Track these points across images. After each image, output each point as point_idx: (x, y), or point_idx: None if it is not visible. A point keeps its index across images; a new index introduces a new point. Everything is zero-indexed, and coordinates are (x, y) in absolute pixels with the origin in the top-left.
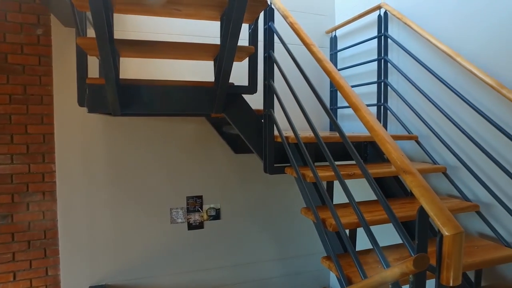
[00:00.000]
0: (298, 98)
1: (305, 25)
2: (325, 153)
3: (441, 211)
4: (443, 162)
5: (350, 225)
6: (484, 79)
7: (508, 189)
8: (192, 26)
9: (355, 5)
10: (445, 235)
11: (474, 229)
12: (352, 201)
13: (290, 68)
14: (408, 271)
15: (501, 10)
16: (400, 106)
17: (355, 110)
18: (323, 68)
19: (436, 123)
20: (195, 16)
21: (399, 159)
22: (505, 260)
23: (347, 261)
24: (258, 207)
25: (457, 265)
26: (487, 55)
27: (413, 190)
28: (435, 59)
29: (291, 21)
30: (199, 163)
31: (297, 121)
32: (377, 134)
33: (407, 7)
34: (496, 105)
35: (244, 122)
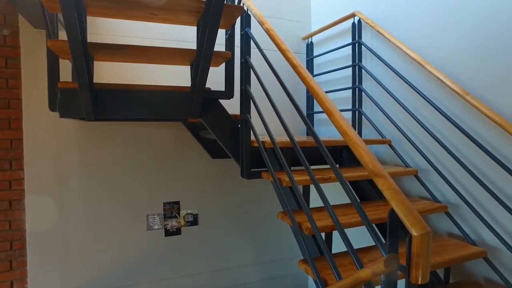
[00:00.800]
0: (274, 103)
1: (282, 31)
2: (300, 157)
3: (410, 212)
4: (415, 165)
5: (325, 228)
6: (450, 85)
7: (473, 190)
8: (168, 30)
9: (331, 13)
10: (414, 235)
11: (443, 229)
12: (327, 205)
13: (267, 73)
14: (379, 271)
15: (466, 22)
16: (374, 111)
17: (329, 115)
18: (298, 74)
19: (408, 127)
20: (172, 21)
21: (371, 163)
22: (471, 257)
23: (324, 263)
24: (236, 212)
25: (425, 264)
26: (453, 63)
27: (384, 192)
28: (406, 66)
29: (267, 27)
30: (176, 168)
31: (274, 126)
32: (350, 138)
33: (380, 16)
34: (462, 111)
35: (220, 127)
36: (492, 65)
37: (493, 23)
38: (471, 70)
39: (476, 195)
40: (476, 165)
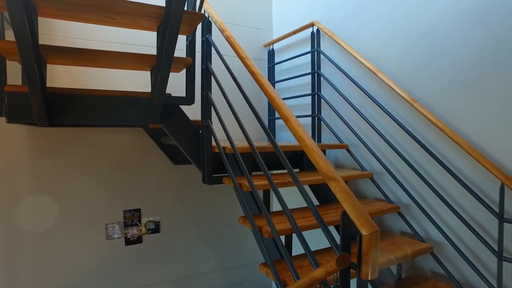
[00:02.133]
0: (234, 109)
1: (244, 38)
2: (259, 162)
3: (360, 213)
4: (371, 169)
5: (285, 231)
6: (400, 93)
7: (422, 191)
8: (129, 34)
9: (291, 21)
10: (364, 234)
11: (397, 228)
12: (285, 208)
13: (230, 79)
14: (332, 269)
15: (411, 35)
16: (332, 117)
17: (286, 121)
18: (256, 80)
19: (364, 132)
20: (131, 26)
21: (325, 167)
22: (420, 253)
23: (284, 266)
24: (199, 218)
25: (374, 260)
26: (403, 72)
27: (337, 195)
28: (362, 74)
29: (227, 34)
30: (136, 175)
31: (237, 131)
32: (305, 144)
33: (337, 26)
34: (411, 117)
35: (181, 133)
36: (434, 74)
37: (433, 37)
38: (417, 78)
39: (424, 195)
40: (424, 167)
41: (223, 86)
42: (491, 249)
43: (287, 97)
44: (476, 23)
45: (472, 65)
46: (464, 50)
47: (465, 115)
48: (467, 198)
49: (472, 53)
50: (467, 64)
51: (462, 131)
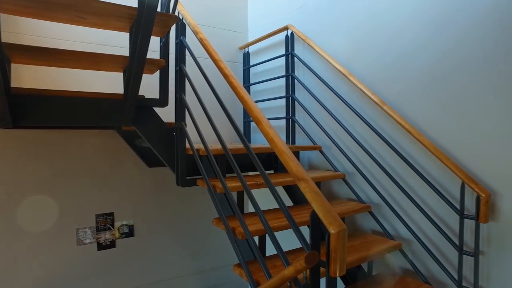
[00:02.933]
0: (207, 111)
1: (219, 40)
2: (232, 164)
3: (328, 212)
4: (343, 169)
5: (258, 232)
6: (370, 96)
7: (392, 191)
8: (101, 35)
9: (266, 24)
10: (332, 233)
11: (368, 227)
12: (257, 209)
13: (204, 81)
14: (301, 267)
15: (381, 40)
16: (306, 119)
17: (257, 123)
18: (229, 83)
19: (336, 134)
20: (103, 26)
21: (295, 168)
22: (389, 250)
23: (258, 266)
24: (174, 220)
25: (341, 258)
26: (373, 75)
27: (306, 195)
28: (334, 77)
29: (201, 37)
30: (109, 178)
31: (212, 133)
32: (276, 145)
33: (310, 30)
34: (381, 119)
35: (155, 135)
36: (402, 77)
37: (401, 42)
38: (386, 81)
39: (394, 194)
40: (394, 167)
41: (198, 88)
42: (453, 243)
43: (262, 99)
44: (438, 30)
45: (435, 68)
46: (428, 55)
47: (430, 117)
48: (432, 196)
49: (435, 57)
50: (431, 67)
51: (427, 132)
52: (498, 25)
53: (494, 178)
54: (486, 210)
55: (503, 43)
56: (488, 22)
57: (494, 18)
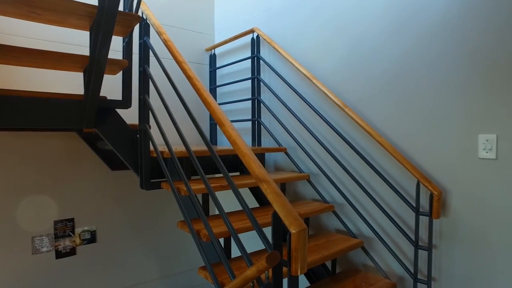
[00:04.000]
0: (171, 113)
1: (186, 42)
2: (196, 166)
3: (289, 213)
4: (308, 171)
5: (222, 234)
6: (333, 99)
7: (354, 191)
8: (61, 32)
9: (232, 27)
10: (292, 232)
11: (332, 226)
12: (221, 211)
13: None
14: (263, 267)
15: (343, 45)
16: (272, 121)
17: (220, 125)
18: (192, 85)
19: (301, 136)
20: (60, 23)
21: (257, 169)
22: (352, 248)
23: (223, 268)
24: (139, 224)
25: (302, 257)
26: (336, 79)
27: (268, 196)
28: (299, 80)
29: (165, 38)
30: (70, 182)
31: (178, 136)
32: (238, 147)
33: (276, 33)
34: (343, 121)
35: (117, 137)
36: (363, 81)
37: (362, 47)
38: (348, 84)
39: (356, 194)
40: (355, 168)
41: (163, 90)
42: (409, 239)
43: (229, 101)
44: (397, 37)
45: (393, 73)
46: (386, 60)
47: (388, 119)
48: (391, 195)
49: (393, 62)
50: (389, 72)
51: (386, 134)
52: (448, 30)
53: (445, 177)
54: (438, 206)
55: (452, 46)
56: (438, 29)
57: (443, 25)
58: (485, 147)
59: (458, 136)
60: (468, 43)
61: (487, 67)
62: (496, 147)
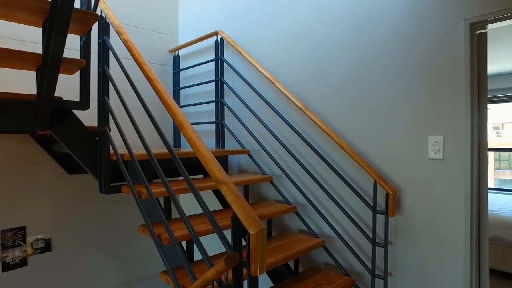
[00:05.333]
0: (132, 115)
1: (149, 42)
2: (156, 169)
3: (248, 214)
4: (271, 172)
5: (184, 237)
6: (294, 102)
7: (316, 192)
8: (13, 27)
9: (197, 28)
10: (251, 233)
11: (295, 227)
12: (182, 214)
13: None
14: (222, 269)
15: (304, 49)
16: (236, 124)
17: (180, 128)
18: (153, 87)
19: (264, 138)
20: (8, 18)
21: (216, 172)
22: (314, 247)
23: (185, 272)
24: (99, 230)
25: (261, 257)
26: (298, 83)
27: (227, 198)
28: (262, 83)
29: (125, 38)
30: (22, 188)
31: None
32: (198, 150)
33: (240, 36)
34: (305, 123)
35: (74, 140)
36: (323, 84)
37: (322, 51)
38: (310, 88)
39: (317, 195)
40: (317, 169)
41: (124, 91)
42: (367, 237)
43: (192, 103)
44: (353, 43)
45: (351, 77)
46: (345, 65)
47: (347, 121)
48: (350, 195)
49: (350, 67)
50: (347, 76)
51: (346, 136)
52: (398, 39)
53: (400, 177)
54: (394, 205)
55: (402, 54)
56: (389, 37)
57: (393, 34)
58: (433, 148)
59: (410, 138)
60: (415, 51)
61: (433, 74)
62: (443, 148)
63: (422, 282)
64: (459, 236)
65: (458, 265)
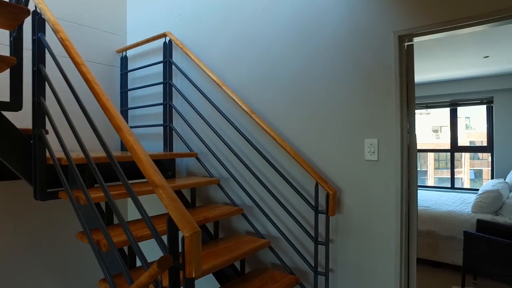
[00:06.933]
0: (69, 117)
1: (95, 42)
2: (94, 173)
3: (182, 216)
4: (219, 175)
5: (124, 243)
6: (241, 105)
7: (262, 194)
8: None
9: (145, 29)
10: (185, 235)
11: (243, 228)
12: (120, 219)
13: (75, 85)
14: (155, 272)
15: (251, 55)
16: (184, 127)
17: (118, 131)
18: (90, 89)
19: (212, 141)
20: None
21: (153, 175)
22: (260, 248)
23: (124, 279)
24: (36, 239)
25: (196, 259)
26: (245, 86)
27: (162, 201)
28: (210, 86)
29: (62, 36)
30: None
31: (86, 141)
32: (135, 153)
33: (189, 38)
34: (251, 126)
35: (4, 143)
36: (270, 90)
37: (268, 58)
38: (256, 92)
39: (264, 197)
40: (263, 172)
41: (63, 92)
42: (310, 236)
43: (141, 105)
44: (297, 49)
45: (295, 81)
46: (289, 69)
47: (291, 125)
48: (294, 196)
49: (294, 71)
50: (291, 80)
51: (289, 139)
52: (338, 47)
53: (340, 177)
54: (334, 204)
55: (341, 62)
56: (330, 45)
57: (335, 42)
58: (369, 150)
59: (349, 140)
60: (352, 59)
61: (367, 81)
62: (378, 150)
63: (360, 276)
64: (391, 232)
65: (390, 259)
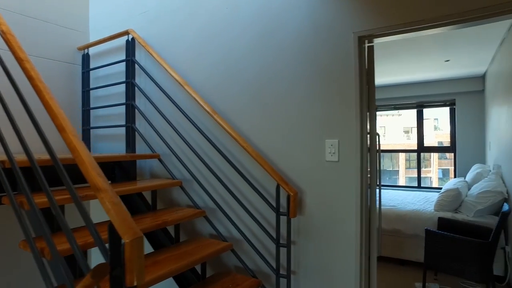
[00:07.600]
0: (12, 115)
1: (54, 38)
2: (38, 176)
3: (123, 221)
4: (182, 177)
5: (67, 251)
6: (203, 105)
7: (225, 195)
8: None
9: (108, 26)
10: (126, 242)
11: (206, 231)
12: (63, 225)
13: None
14: (89, 283)
15: (214, 54)
16: (147, 127)
17: (60, 131)
18: (34, 86)
19: (175, 142)
20: None
21: (95, 178)
22: (221, 251)
23: None
24: None
25: (138, 267)
26: (208, 86)
27: (103, 206)
28: (173, 86)
29: (3, 29)
30: None
31: (34, 143)
32: (78, 154)
33: (152, 37)
34: (213, 127)
35: None
36: (232, 90)
37: (231, 57)
38: (219, 92)
39: (226, 199)
40: (226, 173)
41: (10, 90)
42: (272, 238)
43: (103, 105)
44: (259, 48)
45: (257, 82)
46: (251, 69)
47: (253, 125)
48: (256, 197)
49: (256, 71)
50: (254, 81)
51: (251, 139)
52: (299, 48)
53: (301, 179)
54: (294, 206)
55: (302, 63)
56: (296, 44)
57: (295, 42)
58: (330, 151)
59: (310, 141)
60: (313, 59)
61: (328, 81)
62: (338, 150)
63: (322, 277)
64: (352, 231)
65: (351, 258)
